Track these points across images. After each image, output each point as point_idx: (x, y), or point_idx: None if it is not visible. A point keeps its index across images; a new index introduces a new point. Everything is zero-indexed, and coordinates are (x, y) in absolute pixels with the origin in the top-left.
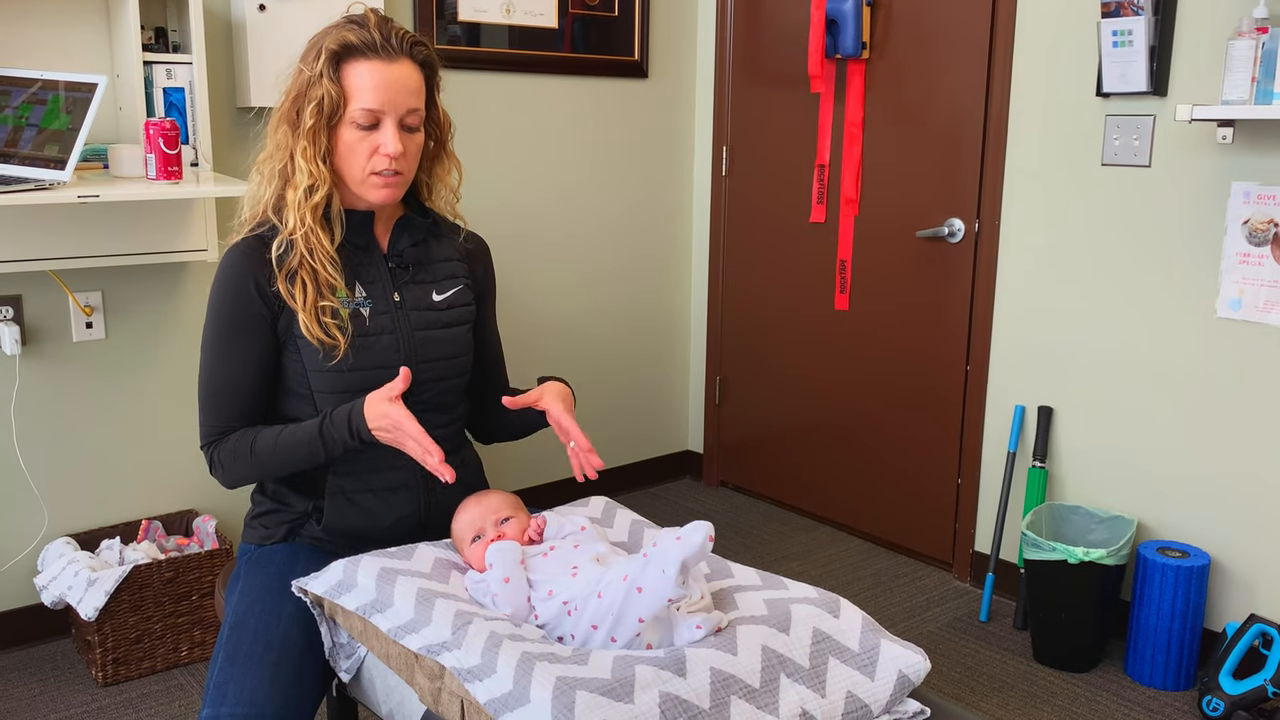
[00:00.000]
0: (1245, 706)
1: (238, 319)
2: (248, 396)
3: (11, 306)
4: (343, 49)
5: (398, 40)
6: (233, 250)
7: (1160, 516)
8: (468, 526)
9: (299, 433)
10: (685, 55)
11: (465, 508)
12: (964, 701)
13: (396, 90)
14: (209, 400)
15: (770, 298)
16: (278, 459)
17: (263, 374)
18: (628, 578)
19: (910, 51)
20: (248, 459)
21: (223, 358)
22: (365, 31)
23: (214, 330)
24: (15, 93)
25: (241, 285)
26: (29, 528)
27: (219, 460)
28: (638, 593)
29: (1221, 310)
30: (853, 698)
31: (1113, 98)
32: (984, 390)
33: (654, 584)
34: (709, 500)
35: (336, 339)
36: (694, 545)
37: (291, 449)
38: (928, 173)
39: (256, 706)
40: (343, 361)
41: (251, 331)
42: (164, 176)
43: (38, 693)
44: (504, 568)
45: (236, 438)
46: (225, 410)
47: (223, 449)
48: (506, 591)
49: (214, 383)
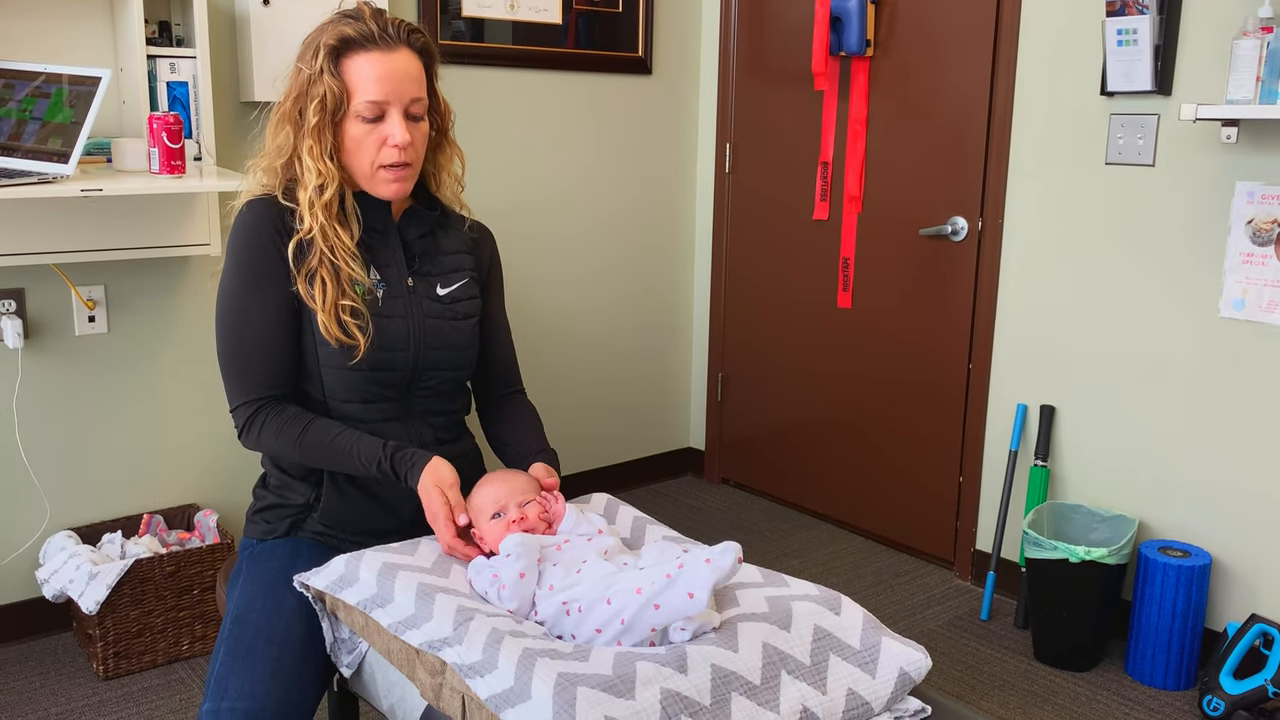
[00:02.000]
0: (1246, 706)
1: (264, 267)
2: (280, 351)
3: (14, 300)
4: (341, 43)
5: (395, 29)
6: (248, 206)
7: (1162, 516)
8: (491, 501)
9: (355, 449)
10: (689, 52)
11: (491, 481)
12: (964, 700)
13: (399, 79)
14: (239, 363)
15: (773, 295)
16: (323, 458)
17: (290, 327)
18: (641, 591)
19: (914, 49)
20: (293, 446)
21: (250, 312)
22: (361, 24)
23: (238, 284)
24: (19, 86)
25: (263, 234)
26: (31, 521)
27: (258, 431)
28: (654, 609)
29: (1225, 310)
30: (854, 695)
31: (1117, 96)
32: (986, 389)
33: (676, 604)
34: (710, 497)
35: (356, 340)
36: (725, 569)
37: (342, 458)
38: (931, 171)
39: (258, 701)
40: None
41: (277, 281)
42: (167, 170)
43: (39, 686)
44: (522, 562)
45: (288, 418)
46: (259, 370)
47: (265, 423)
48: (518, 586)
49: (245, 341)
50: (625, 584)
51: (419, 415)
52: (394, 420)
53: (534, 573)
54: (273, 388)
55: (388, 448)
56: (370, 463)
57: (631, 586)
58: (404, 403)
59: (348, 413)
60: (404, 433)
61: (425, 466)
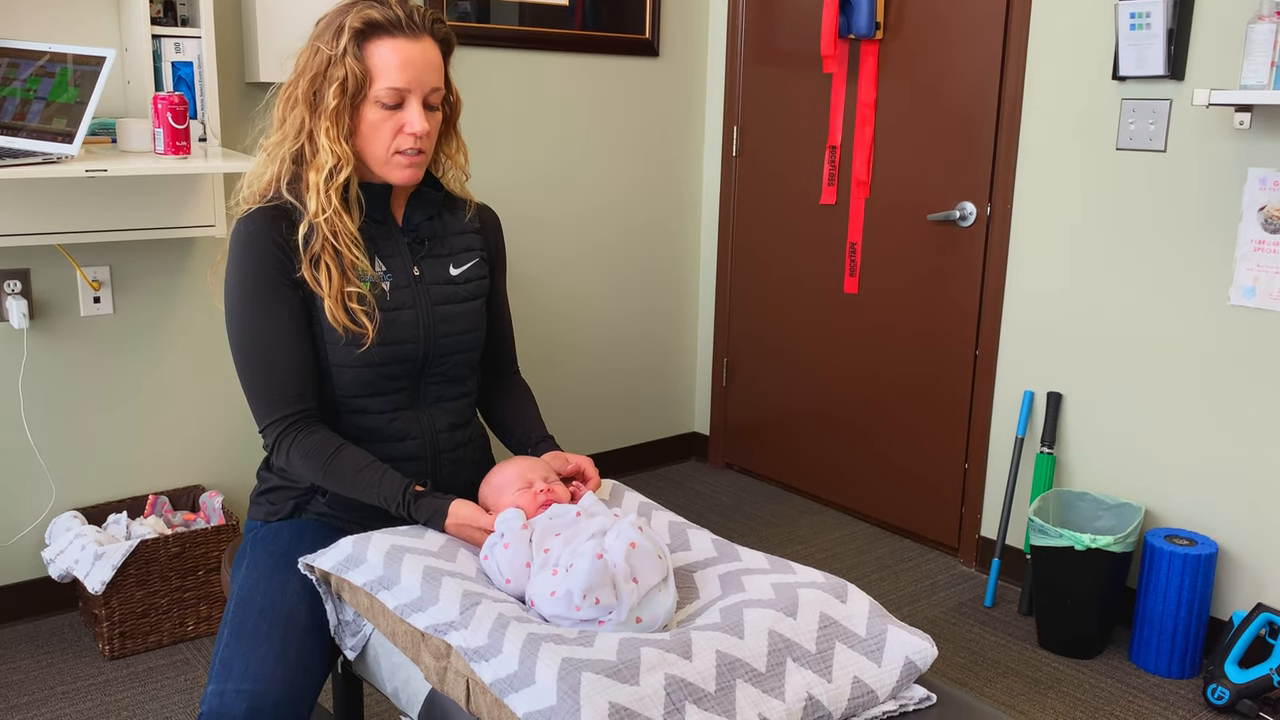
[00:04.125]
0: (1250, 695)
1: (269, 280)
2: (298, 361)
3: (19, 280)
4: (367, 27)
5: (420, 18)
6: (245, 219)
7: (1168, 504)
8: (518, 476)
9: (378, 487)
10: (697, 34)
11: (516, 461)
12: (967, 686)
13: (422, 68)
14: (258, 380)
15: (779, 280)
16: (347, 488)
17: (304, 335)
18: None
19: (924, 32)
20: (319, 473)
21: (261, 326)
22: (388, 9)
23: (244, 302)
24: (24, 65)
25: (264, 247)
26: (36, 501)
27: (285, 452)
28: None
29: (1235, 297)
30: (859, 683)
31: (1129, 81)
32: (993, 375)
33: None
34: (714, 482)
35: (364, 326)
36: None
37: (364, 493)
38: (940, 155)
39: (262, 683)
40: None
41: (285, 290)
42: (172, 151)
43: (45, 665)
44: (508, 536)
45: (315, 442)
46: (280, 386)
47: (294, 445)
48: (505, 559)
49: (260, 357)
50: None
51: (431, 403)
52: (405, 410)
53: (521, 545)
54: (298, 402)
55: (408, 494)
56: (389, 503)
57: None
58: (415, 392)
59: (360, 407)
60: (416, 421)
61: (445, 520)
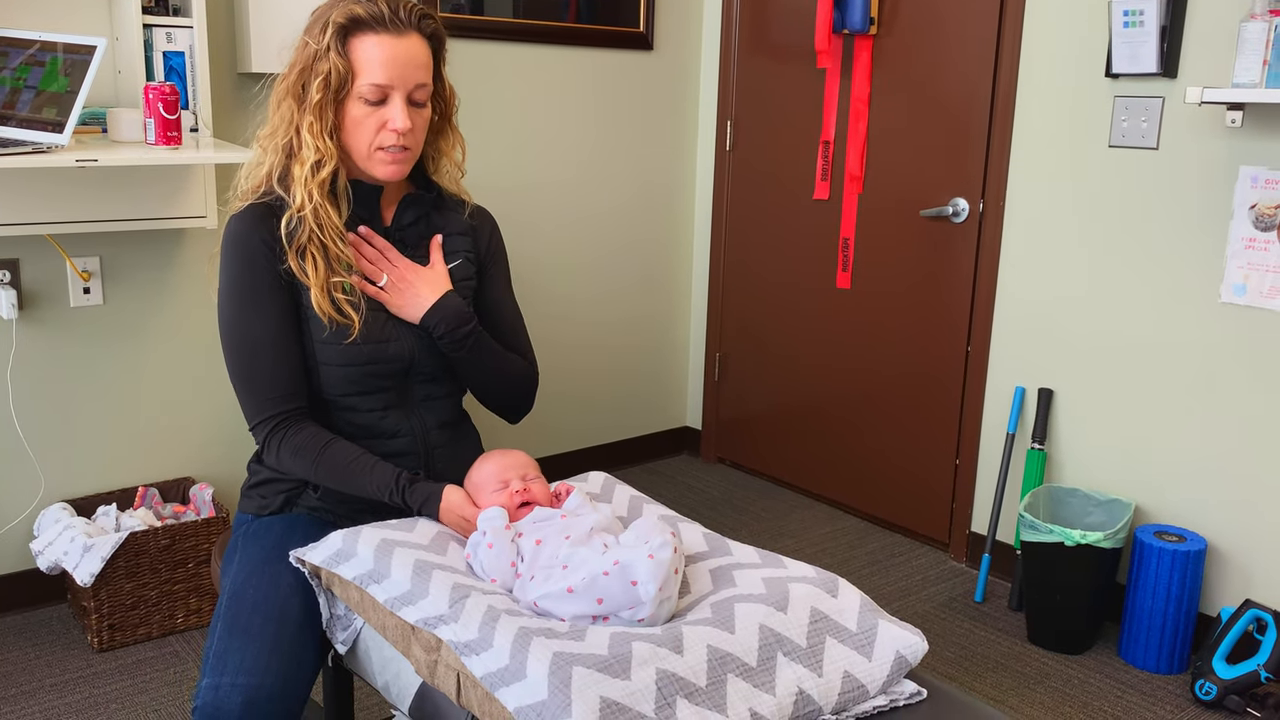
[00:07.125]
0: (1238, 691)
1: (258, 280)
2: (288, 360)
3: (8, 270)
4: (350, 22)
5: (406, 14)
6: (235, 217)
7: (1158, 501)
8: (494, 476)
9: (370, 476)
10: (691, 27)
11: (491, 458)
12: (957, 681)
13: (405, 65)
14: (248, 379)
15: (772, 275)
16: (338, 481)
17: (294, 334)
18: (576, 586)
19: (918, 28)
20: (310, 468)
21: (252, 323)
22: (373, 4)
23: (235, 301)
24: (13, 54)
25: (254, 245)
26: (25, 493)
27: (276, 449)
28: (598, 603)
29: (1226, 295)
30: (849, 678)
31: (1122, 79)
32: (984, 371)
33: (620, 595)
34: (706, 477)
35: (350, 317)
36: (666, 562)
37: (356, 484)
38: (933, 151)
39: (257, 676)
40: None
41: (275, 288)
42: (163, 141)
43: (33, 657)
44: (489, 535)
45: (305, 437)
46: (269, 384)
47: (284, 441)
48: (488, 558)
49: (250, 356)
50: (585, 561)
51: (419, 401)
52: (394, 409)
53: (504, 545)
54: (287, 401)
55: (401, 480)
56: (383, 491)
57: (597, 568)
58: (403, 391)
59: (348, 405)
60: (405, 420)
61: (439, 505)
